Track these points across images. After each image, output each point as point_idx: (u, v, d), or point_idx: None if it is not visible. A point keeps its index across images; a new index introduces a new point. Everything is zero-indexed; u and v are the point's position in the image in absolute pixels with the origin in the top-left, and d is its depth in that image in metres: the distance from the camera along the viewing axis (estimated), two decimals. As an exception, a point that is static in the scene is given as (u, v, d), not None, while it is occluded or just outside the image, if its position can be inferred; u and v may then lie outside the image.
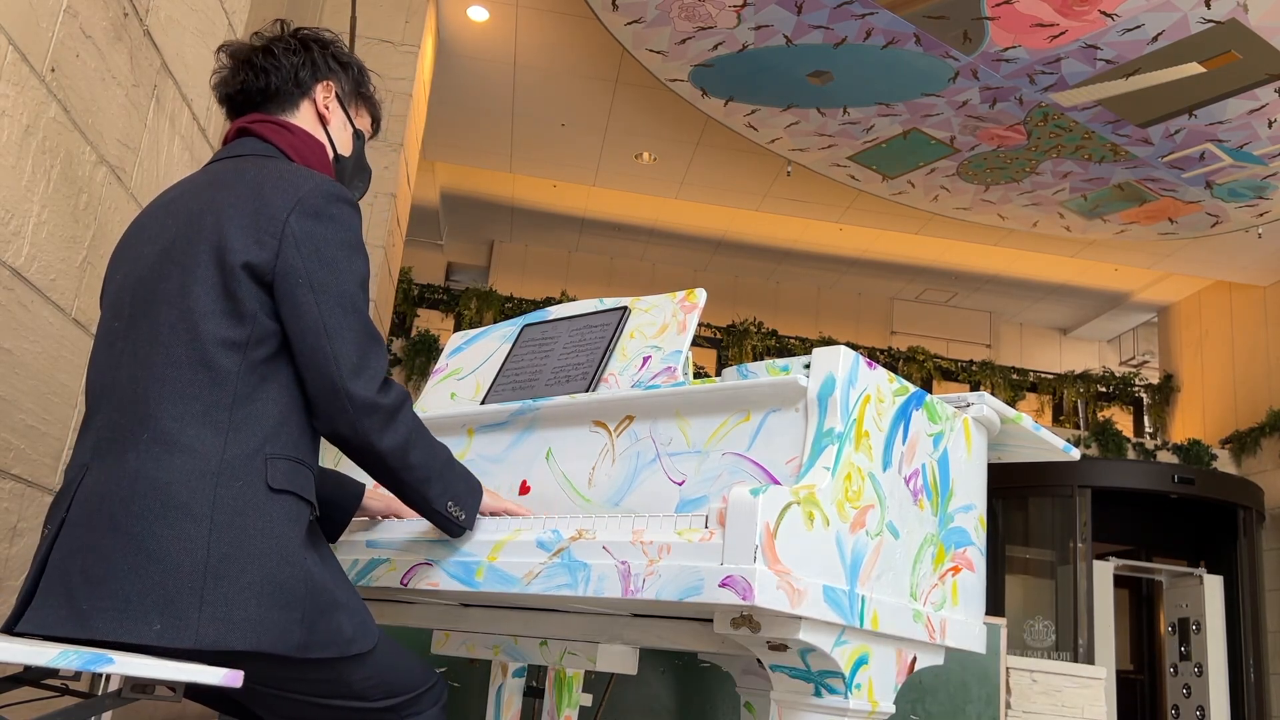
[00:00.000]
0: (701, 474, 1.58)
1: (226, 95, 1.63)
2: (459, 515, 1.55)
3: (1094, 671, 4.19)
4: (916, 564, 1.58)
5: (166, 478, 1.32)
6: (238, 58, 1.63)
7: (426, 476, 1.49)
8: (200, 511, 1.31)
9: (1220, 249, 9.75)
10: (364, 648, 1.40)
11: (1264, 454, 10.46)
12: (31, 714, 1.33)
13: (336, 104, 1.67)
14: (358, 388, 1.40)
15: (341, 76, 1.68)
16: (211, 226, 1.42)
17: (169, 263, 1.43)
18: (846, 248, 11.69)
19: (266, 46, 1.62)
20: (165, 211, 1.51)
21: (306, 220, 1.41)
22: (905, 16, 6.42)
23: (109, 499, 1.32)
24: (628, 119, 8.69)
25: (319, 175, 1.48)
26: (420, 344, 9.69)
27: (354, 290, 1.43)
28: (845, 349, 1.52)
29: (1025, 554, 9.87)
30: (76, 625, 1.27)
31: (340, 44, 1.72)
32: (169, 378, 1.36)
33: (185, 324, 1.38)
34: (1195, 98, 6.99)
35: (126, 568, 1.28)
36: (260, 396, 1.39)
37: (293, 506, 1.39)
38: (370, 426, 1.41)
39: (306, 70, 1.63)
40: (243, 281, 1.38)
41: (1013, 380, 11.53)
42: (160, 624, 1.26)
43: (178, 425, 1.34)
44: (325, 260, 1.41)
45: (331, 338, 1.39)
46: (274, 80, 1.61)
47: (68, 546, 1.33)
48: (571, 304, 2.12)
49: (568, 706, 1.97)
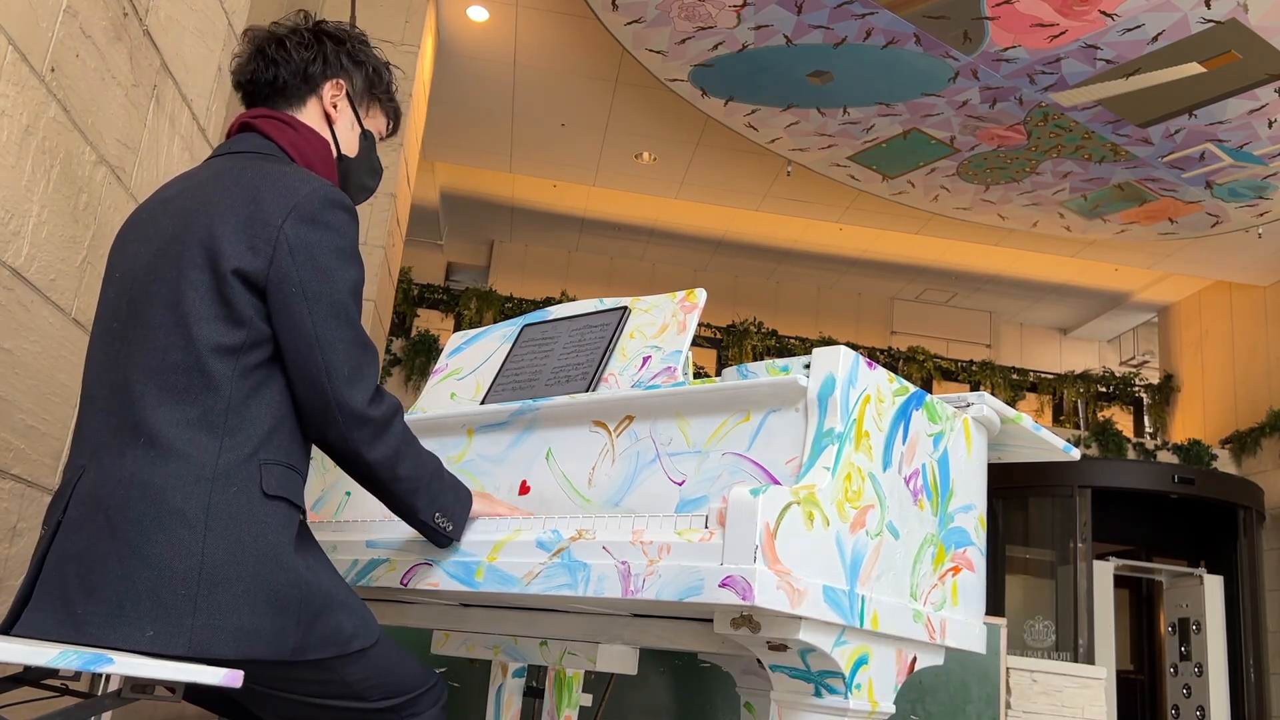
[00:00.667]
0: (701, 474, 1.58)
1: (239, 84, 1.61)
2: (446, 526, 1.55)
3: (1094, 671, 4.19)
4: (916, 564, 1.58)
5: (161, 482, 1.31)
6: (253, 45, 1.60)
7: (414, 488, 1.49)
8: (195, 518, 1.30)
9: (1220, 249, 9.75)
10: (365, 643, 1.40)
11: (1264, 454, 10.46)
12: (31, 714, 1.33)
13: (346, 103, 1.64)
14: (348, 399, 1.40)
15: (354, 74, 1.65)
16: (205, 229, 1.40)
17: (164, 264, 1.42)
18: (846, 248, 11.69)
19: (280, 38, 1.59)
20: (163, 209, 1.50)
21: (302, 227, 1.40)
22: (905, 16, 6.42)
23: (105, 503, 1.32)
24: (628, 119, 8.69)
25: (316, 179, 1.46)
26: (420, 344, 9.69)
27: (347, 300, 1.42)
28: (845, 349, 1.52)
29: (1025, 554, 9.86)
30: (71, 630, 1.27)
31: (360, 40, 1.68)
32: (164, 382, 1.35)
33: (180, 328, 1.37)
34: (1195, 98, 6.99)
35: (121, 573, 1.27)
36: (255, 402, 1.38)
37: (285, 512, 1.38)
38: (360, 438, 1.41)
39: (316, 66, 1.60)
40: (236, 287, 1.37)
41: (1013, 380, 11.53)
42: (153, 630, 1.26)
43: (173, 430, 1.33)
44: (319, 268, 1.40)
45: (324, 348, 1.39)
46: (282, 73, 1.58)
47: (63, 550, 1.32)
48: (571, 304, 2.11)
49: (568, 706, 1.97)
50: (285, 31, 1.61)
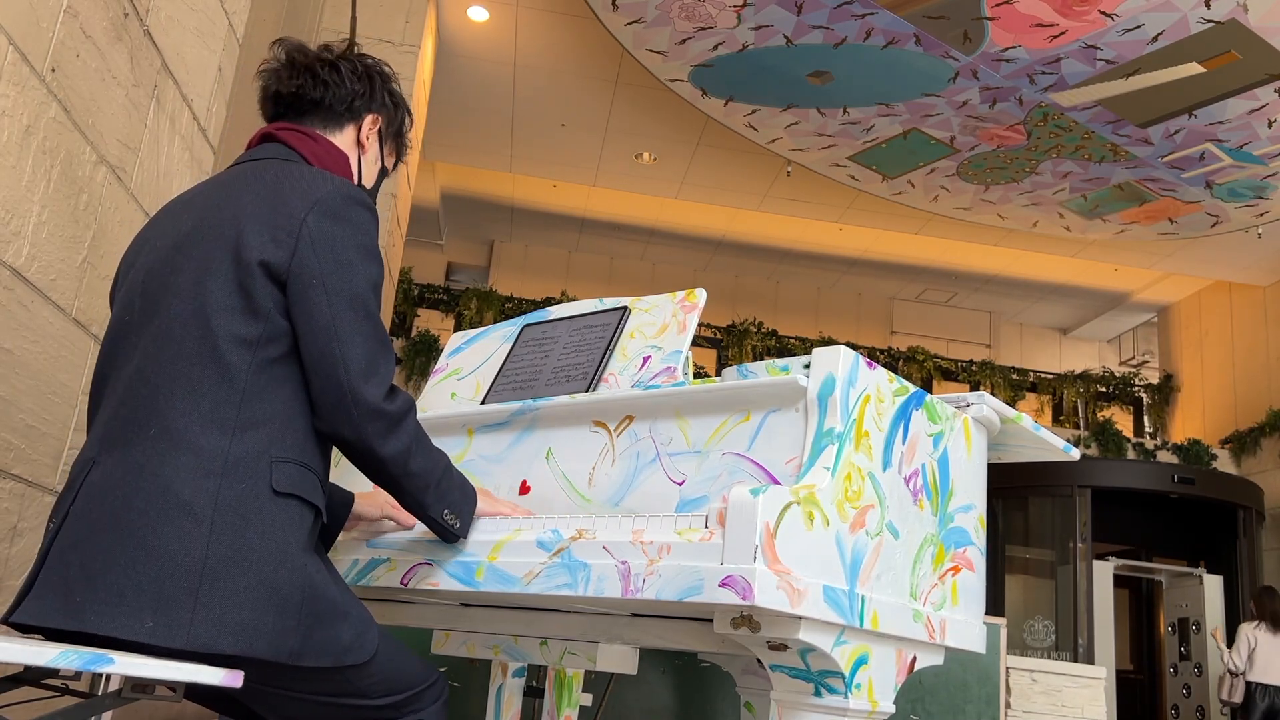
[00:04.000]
0: (701, 474, 1.58)
1: (276, 93, 1.63)
2: (454, 524, 1.57)
3: (1094, 671, 4.19)
4: (916, 564, 1.58)
5: (170, 474, 1.31)
6: (299, 61, 1.63)
7: (426, 484, 1.50)
8: (202, 511, 1.30)
9: (1220, 249, 9.75)
10: (359, 659, 1.39)
11: (1264, 454, 10.46)
12: (31, 714, 1.33)
13: (376, 138, 1.70)
14: (364, 392, 1.40)
15: (391, 114, 1.71)
16: (229, 222, 1.41)
17: (183, 256, 1.43)
18: (846, 248, 11.69)
19: (334, 62, 1.64)
20: (184, 208, 1.52)
21: (324, 221, 1.41)
22: (905, 16, 6.42)
23: (112, 494, 1.32)
24: (628, 119, 8.69)
25: (338, 178, 1.49)
26: (420, 344, 9.69)
27: (367, 294, 1.44)
28: (845, 349, 1.52)
29: (1025, 554, 9.87)
30: (70, 617, 1.27)
31: (397, 82, 1.74)
32: (178, 373, 1.36)
33: (198, 319, 1.37)
34: (1195, 98, 6.99)
35: (123, 563, 1.27)
36: (269, 397, 1.38)
37: (296, 510, 1.38)
38: (374, 431, 1.41)
39: (363, 99, 1.65)
40: (258, 278, 1.38)
41: (1013, 380, 11.54)
42: (153, 621, 1.25)
43: (184, 421, 1.33)
44: (340, 262, 1.41)
45: (341, 340, 1.39)
46: (330, 96, 1.62)
47: (69, 539, 1.32)
48: (571, 304, 2.11)
49: (568, 706, 1.97)
50: (336, 57, 1.65)
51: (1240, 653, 7.30)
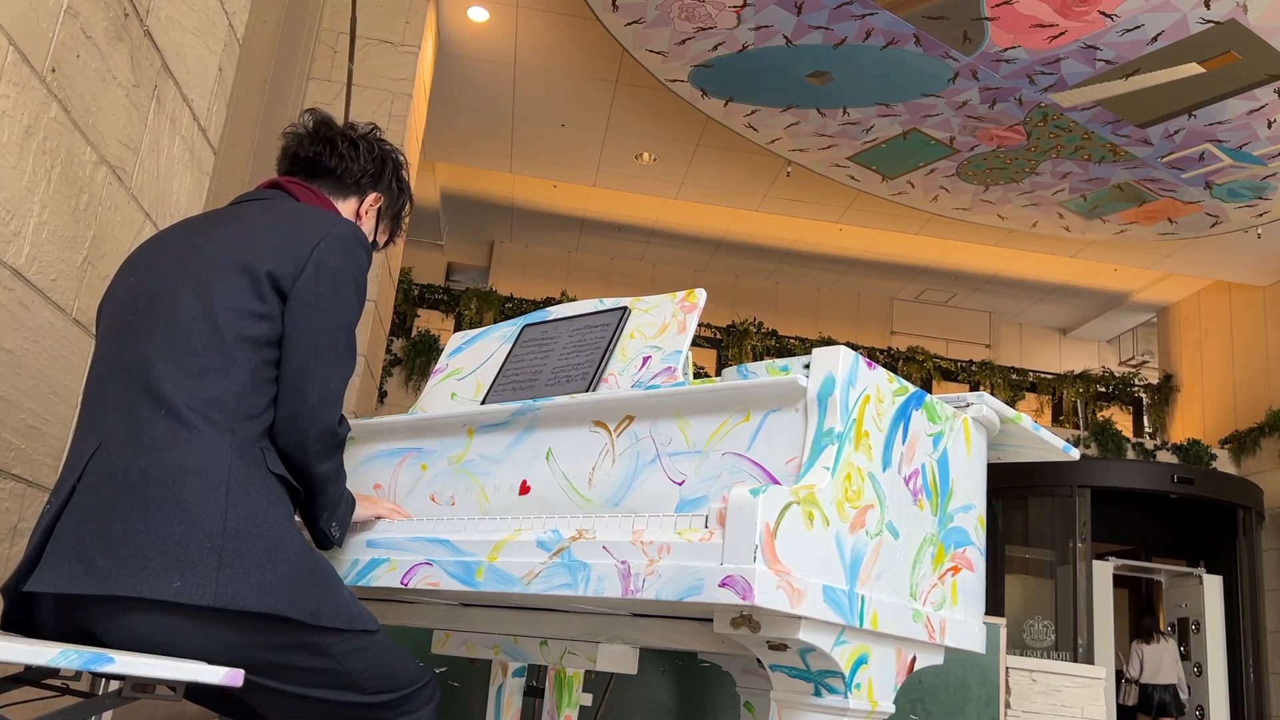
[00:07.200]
0: (701, 474, 1.59)
1: (295, 154, 1.78)
2: (336, 535, 1.68)
3: (1093, 671, 4.19)
4: (916, 564, 1.58)
5: (185, 450, 1.39)
6: (323, 133, 1.78)
7: (332, 504, 1.63)
8: (218, 478, 1.39)
9: (1220, 249, 9.75)
10: (371, 625, 1.48)
11: (1263, 454, 10.46)
12: (31, 714, 1.34)
13: (375, 215, 1.84)
14: (323, 414, 1.52)
15: (394, 197, 1.86)
16: (243, 236, 1.53)
17: (193, 262, 1.52)
18: (846, 248, 11.69)
19: (355, 140, 1.80)
20: (189, 227, 1.61)
21: (333, 252, 1.54)
22: (905, 17, 6.43)
23: (127, 466, 1.38)
24: (628, 119, 8.69)
25: (350, 221, 1.62)
26: (420, 344, 9.69)
27: (351, 326, 1.57)
28: (845, 349, 1.52)
29: (1025, 554, 9.87)
30: (94, 582, 1.31)
31: (408, 170, 1.90)
32: (184, 363, 1.44)
33: (207, 316, 1.46)
34: (1195, 98, 6.99)
35: (146, 529, 1.34)
36: (261, 396, 1.48)
37: (286, 491, 1.49)
38: (317, 450, 1.53)
39: (370, 178, 1.81)
40: (265, 286, 1.49)
41: (1012, 380, 11.54)
42: (180, 581, 1.31)
43: (192, 404, 1.42)
44: (338, 293, 1.53)
45: (320, 362, 1.51)
46: (342, 168, 1.77)
47: (80, 513, 1.37)
48: (571, 304, 2.12)
49: (568, 706, 1.97)
50: (358, 136, 1.81)
51: (1134, 665, 9.32)
